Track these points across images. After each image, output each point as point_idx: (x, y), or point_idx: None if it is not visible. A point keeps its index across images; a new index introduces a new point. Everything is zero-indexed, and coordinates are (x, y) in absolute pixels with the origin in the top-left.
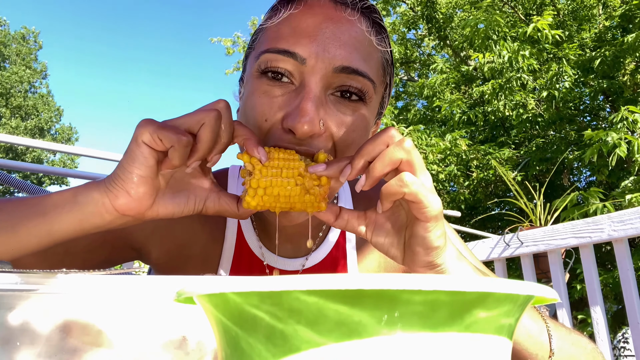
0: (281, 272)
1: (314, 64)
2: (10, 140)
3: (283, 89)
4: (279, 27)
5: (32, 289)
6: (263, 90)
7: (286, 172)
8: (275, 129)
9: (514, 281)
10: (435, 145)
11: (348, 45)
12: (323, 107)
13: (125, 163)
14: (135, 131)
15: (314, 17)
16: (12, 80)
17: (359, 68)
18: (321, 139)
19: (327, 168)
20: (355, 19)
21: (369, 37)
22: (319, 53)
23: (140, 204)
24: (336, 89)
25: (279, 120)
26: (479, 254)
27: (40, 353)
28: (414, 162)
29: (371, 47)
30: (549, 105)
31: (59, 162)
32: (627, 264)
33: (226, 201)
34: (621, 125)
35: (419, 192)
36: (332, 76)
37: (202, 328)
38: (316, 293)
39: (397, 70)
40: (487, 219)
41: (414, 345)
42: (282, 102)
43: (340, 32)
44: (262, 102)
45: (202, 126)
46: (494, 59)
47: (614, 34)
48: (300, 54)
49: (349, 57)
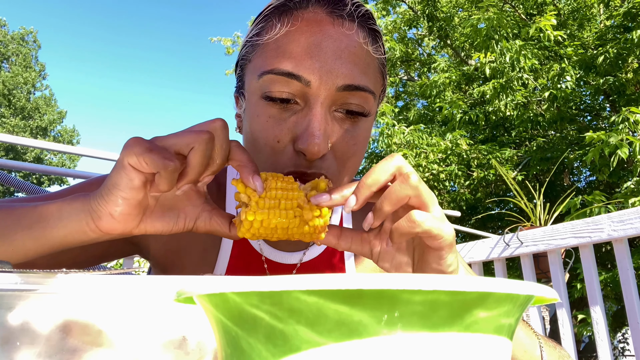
0: (279, 266)
1: (318, 86)
2: (11, 140)
3: (290, 112)
4: (278, 45)
5: (32, 289)
6: (269, 114)
7: (284, 204)
8: (288, 150)
9: (514, 281)
10: (435, 145)
11: (349, 62)
12: (329, 125)
13: (110, 184)
14: (122, 151)
15: (314, 36)
16: (15, 81)
17: (360, 84)
18: (328, 158)
19: (332, 199)
20: (353, 32)
21: (366, 48)
22: (322, 75)
23: (125, 225)
24: (340, 106)
25: (290, 142)
26: (478, 253)
27: (40, 353)
28: (423, 198)
29: (369, 57)
30: (550, 105)
31: (58, 162)
32: (627, 263)
33: (218, 222)
34: (622, 127)
35: (432, 228)
36: (336, 95)
37: (202, 328)
38: (316, 293)
39: (397, 70)
40: (487, 219)
41: (414, 345)
42: (291, 124)
43: (340, 50)
44: (270, 125)
45: (192, 150)
46: (495, 59)
47: (615, 32)
48: (304, 76)
49: (350, 74)
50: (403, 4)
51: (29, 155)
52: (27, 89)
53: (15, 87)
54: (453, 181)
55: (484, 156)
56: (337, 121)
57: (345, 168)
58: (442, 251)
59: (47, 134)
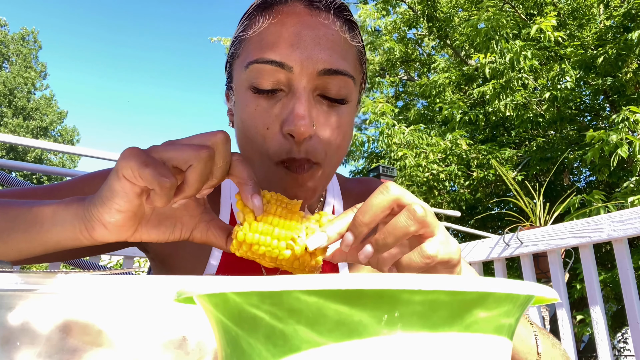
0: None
1: (299, 71)
2: (12, 141)
3: (276, 99)
4: (261, 37)
5: (32, 289)
6: (257, 103)
7: (279, 233)
8: (277, 137)
9: (514, 281)
10: (435, 145)
11: (327, 48)
12: (313, 108)
13: (105, 194)
14: (118, 162)
15: (294, 26)
16: (16, 81)
17: (339, 68)
18: (315, 141)
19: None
20: (329, 22)
21: (343, 35)
22: (303, 61)
23: (118, 235)
24: (322, 90)
25: (278, 130)
26: (478, 253)
27: (40, 353)
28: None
29: (347, 44)
30: (549, 105)
31: (58, 162)
32: (626, 263)
33: (214, 234)
34: (622, 126)
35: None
36: (317, 79)
37: (202, 328)
38: (316, 293)
39: (397, 70)
40: (487, 219)
41: (414, 345)
42: (278, 110)
43: (319, 37)
44: (259, 113)
45: (191, 167)
46: (495, 59)
47: (615, 32)
48: (287, 63)
49: (329, 59)
50: (403, 4)
51: (30, 156)
52: (28, 89)
53: (16, 88)
54: (453, 181)
55: (484, 156)
56: (320, 106)
57: (331, 152)
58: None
59: (47, 134)
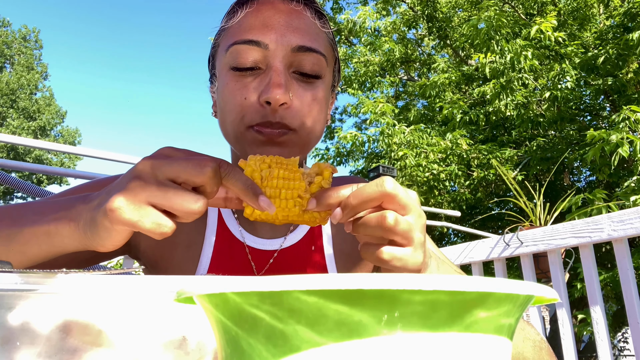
0: (260, 252)
1: (275, 48)
2: (12, 141)
3: (254, 75)
4: (240, 24)
5: (32, 289)
6: (236, 80)
7: (285, 193)
8: (254, 104)
9: (514, 281)
10: (436, 145)
11: (299, 29)
12: (289, 82)
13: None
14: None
15: (268, 11)
16: (19, 83)
17: (312, 46)
18: (291, 112)
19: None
20: (300, 9)
21: (314, 21)
22: (278, 38)
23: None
24: (297, 67)
25: (256, 99)
26: (478, 253)
27: (40, 353)
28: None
29: (317, 29)
30: (550, 105)
31: (58, 162)
32: (626, 263)
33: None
34: (623, 125)
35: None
36: (292, 55)
37: (202, 328)
38: (316, 293)
39: (397, 70)
40: (487, 219)
41: (414, 345)
42: (256, 84)
43: (291, 19)
44: (238, 87)
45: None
46: (495, 59)
47: (615, 32)
48: (262, 41)
49: (302, 38)
50: (403, 4)
51: (30, 156)
52: (30, 89)
53: (18, 88)
54: (453, 181)
55: (484, 156)
56: (295, 81)
57: (305, 124)
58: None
59: (48, 134)
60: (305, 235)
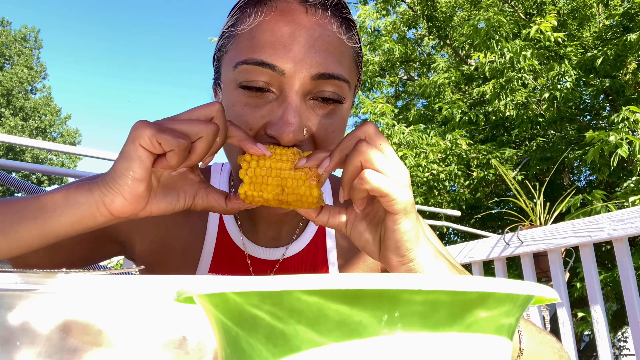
0: (262, 262)
1: (292, 75)
2: (13, 141)
3: (264, 99)
4: (252, 35)
5: (32, 289)
6: (244, 103)
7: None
8: (260, 135)
9: (514, 281)
10: (435, 145)
11: (322, 51)
12: (305, 113)
13: (121, 166)
14: (131, 133)
15: (288, 26)
16: (14, 81)
17: (334, 72)
18: (304, 143)
19: (308, 161)
20: (326, 22)
21: (340, 37)
22: (296, 63)
23: (135, 206)
24: (315, 94)
25: (262, 129)
26: (479, 253)
27: (40, 353)
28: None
29: (343, 46)
30: (549, 104)
31: (58, 162)
32: (627, 263)
33: (214, 197)
34: (622, 126)
35: (381, 187)
36: (310, 83)
37: (202, 328)
38: (317, 293)
39: (397, 70)
40: (487, 218)
41: (414, 345)
42: (265, 112)
43: (314, 39)
44: (245, 113)
45: (200, 139)
46: (495, 59)
47: (615, 32)
48: (278, 66)
49: (324, 63)
50: (403, 3)
51: (28, 155)
52: (25, 87)
53: (14, 87)
54: (453, 181)
55: (484, 156)
56: (312, 109)
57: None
58: (396, 215)
59: (46, 134)
60: (309, 245)
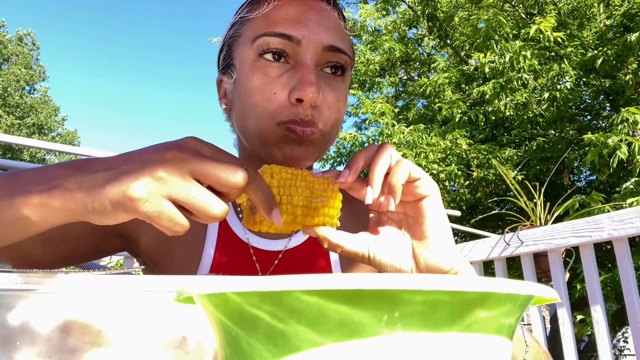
0: (264, 253)
1: (307, 44)
2: (11, 140)
3: (282, 69)
4: (268, 16)
5: (32, 289)
6: (264, 72)
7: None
8: (284, 101)
9: (515, 281)
10: (435, 145)
11: (330, 29)
12: (319, 80)
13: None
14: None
15: (299, 7)
16: (10, 79)
17: (341, 47)
18: (319, 110)
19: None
20: (329, 9)
21: (340, 22)
22: (310, 35)
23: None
24: (325, 64)
25: (286, 96)
26: (479, 253)
27: (40, 353)
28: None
29: (343, 31)
30: (549, 104)
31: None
32: (627, 263)
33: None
34: (621, 127)
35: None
36: (322, 54)
37: (202, 328)
38: (317, 293)
39: (397, 70)
40: (487, 219)
41: (414, 345)
42: (285, 79)
43: (322, 18)
44: (266, 81)
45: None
46: (495, 59)
47: (615, 32)
48: (295, 36)
49: (333, 37)
50: (403, 3)
51: (26, 154)
52: (21, 85)
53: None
54: (453, 181)
55: (484, 156)
56: (322, 79)
57: (332, 121)
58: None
59: (43, 131)
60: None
